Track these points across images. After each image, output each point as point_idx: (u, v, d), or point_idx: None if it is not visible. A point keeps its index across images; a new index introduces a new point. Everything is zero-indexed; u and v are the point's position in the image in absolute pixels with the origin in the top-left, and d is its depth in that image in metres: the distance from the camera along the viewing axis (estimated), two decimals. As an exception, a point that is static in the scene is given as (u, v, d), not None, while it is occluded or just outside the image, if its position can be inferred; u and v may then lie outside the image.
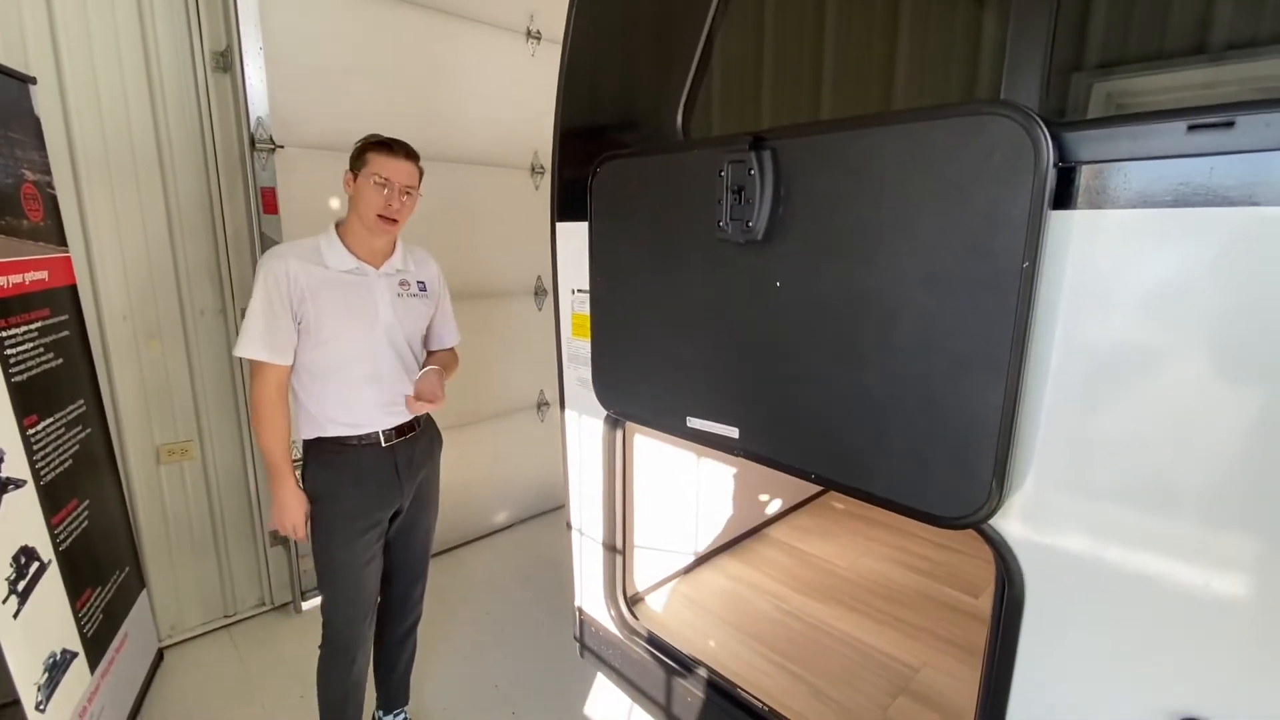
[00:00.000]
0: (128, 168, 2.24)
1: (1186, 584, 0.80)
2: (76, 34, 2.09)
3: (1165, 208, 0.76)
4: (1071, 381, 0.85)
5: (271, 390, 1.62)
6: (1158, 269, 0.77)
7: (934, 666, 1.67)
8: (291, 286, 1.56)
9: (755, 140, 1.04)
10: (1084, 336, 0.83)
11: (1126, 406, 0.82)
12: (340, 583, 1.70)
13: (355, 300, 1.62)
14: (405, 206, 1.60)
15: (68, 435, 1.99)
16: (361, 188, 1.57)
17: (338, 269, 1.60)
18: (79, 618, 1.93)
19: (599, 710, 2.17)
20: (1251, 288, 0.72)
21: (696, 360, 1.24)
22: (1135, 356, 0.80)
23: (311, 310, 1.58)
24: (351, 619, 1.72)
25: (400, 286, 1.70)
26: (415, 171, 1.63)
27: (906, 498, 0.99)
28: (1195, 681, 0.81)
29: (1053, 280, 0.84)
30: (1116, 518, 0.84)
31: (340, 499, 1.66)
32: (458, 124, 2.96)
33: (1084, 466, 0.86)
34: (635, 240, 1.31)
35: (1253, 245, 0.72)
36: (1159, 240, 0.77)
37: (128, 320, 2.32)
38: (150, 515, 2.46)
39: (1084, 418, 0.85)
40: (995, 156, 0.81)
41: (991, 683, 0.98)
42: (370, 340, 1.63)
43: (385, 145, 1.57)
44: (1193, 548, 0.79)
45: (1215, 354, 0.76)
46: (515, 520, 3.54)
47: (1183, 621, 0.81)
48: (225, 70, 2.37)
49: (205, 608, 2.66)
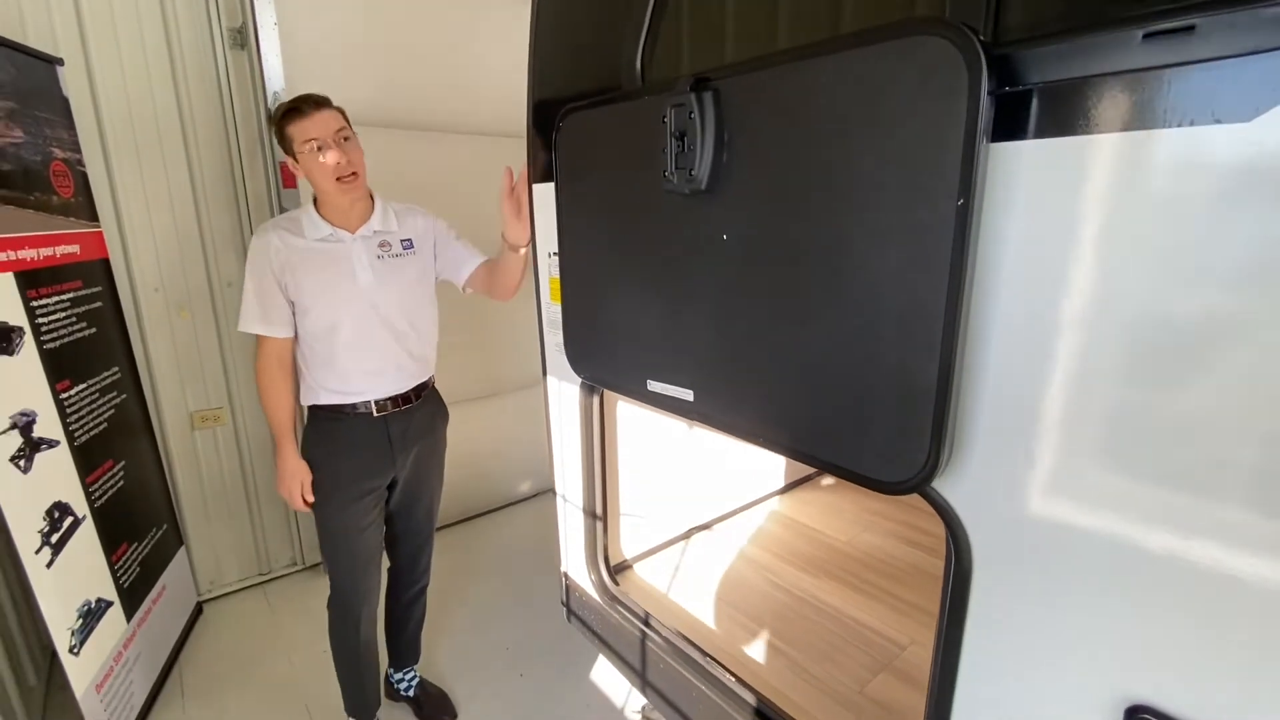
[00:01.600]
0: (154, 145, 2.34)
1: (1135, 563, 0.72)
2: (101, 15, 2.17)
3: (1120, 132, 0.66)
4: (1017, 335, 0.77)
5: (272, 361, 1.64)
6: (1109, 203, 0.68)
7: (921, 644, 1.59)
8: (274, 258, 1.57)
9: (697, 81, 0.98)
10: (1033, 284, 0.75)
11: (1079, 357, 0.73)
12: (337, 546, 1.73)
13: (332, 267, 1.60)
14: (352, 153, 1.56)
15: (101, 400, 2.11)
16: (306, 164, 1.54)
17: (314, 238, 1.60)
18: (114, 570, 2.06)
19: (603, 676, 2.19)
20: (1208, 221, 0.63)
21: (654, 320, 1.19)
22: (1087, 304, 0.71)
23: (291, 281, 1.58)
24: (351, 581, 1.76)
25: (380, 248, 1.66)
26: (337, 115, 1.57)
27: (850, 462, 0.92)
28: (1145, 667, 0.73)
29: (996, 223, 0.75)
30: (1067, 484, 0.76)
31: (334, 465, 1.68)
32: (475, 95, 2.96)
33: (1031, 430, 0.78)
34: (596, 196, 1.26)
35: (1212, 170, 0.62)
36: (1113, 171, 0.68)
37: (159, 292, 2.44)
38: (187, 478, 2.61)
39: (1034, 373, 0.76)
40: (927, 82, 0.73)
41: (940, 660, 0.92)
42: (350, 306, 1.61)
43: (294, 110, 1.52)
44: (1146, 520, 0.71)
45: (1169, 293, 0.66)
46: (539, 490, 3.59)
47: (1131, 604, 0.73)
48: (242, 47, 2.42)
49: (242, 565, 2.81)
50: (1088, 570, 0.76)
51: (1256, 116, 0.59)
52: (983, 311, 0.78)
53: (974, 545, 0.86)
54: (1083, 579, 0.76)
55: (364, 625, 1.81)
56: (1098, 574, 0.75)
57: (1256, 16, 0.58)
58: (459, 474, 3.19)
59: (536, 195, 1.53)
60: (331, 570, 1.77)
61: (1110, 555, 0.74)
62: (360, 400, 1.66)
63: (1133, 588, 0.72)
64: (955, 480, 0.86)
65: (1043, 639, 0.81)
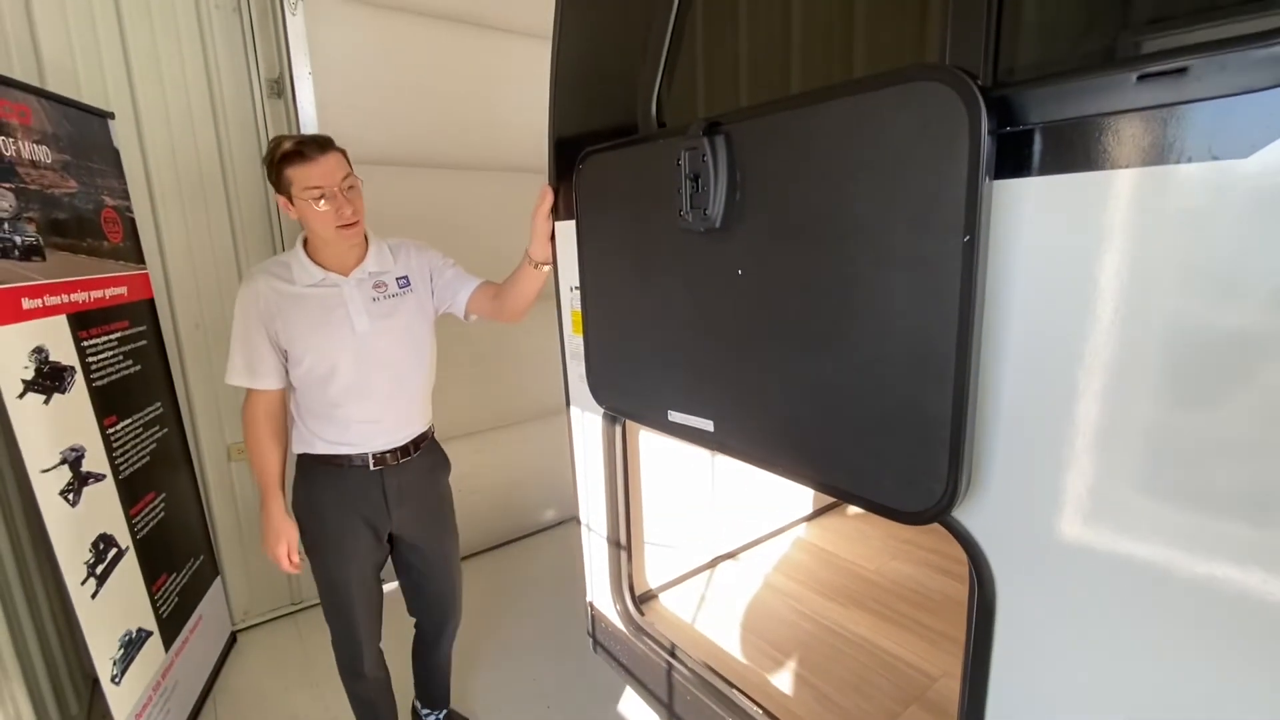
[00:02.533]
0: (197, 190, 2.46)
1: (1159, 587, 0.72)
2: (149, 71, 2.31)
3: (1119, 169, 0.68)
4: (1030, 365, 0.78)
5: (259, 414, 1.56)
6: (1110, 236, 0.70)
7: (953, 676, 1.56)
8: (263, 307, 1.50)
9: (710, 125, 1.02)
10: (1040, 314, 0.76)
11: (1093, 388, 0.74)
12: (332, 600, 1.67)
13: (325, 314, 1.51)
14: (356, 203, 1.48)
15: (145, 435, 2.20)
16: (303, 210, 1.45)
17: (304, 284, 1.51)
18: (154, 600, 2.12)
19: (632, 708, 2.18)
20: (1204, 250, 0.64)
21: (673, 353, 1.22)
22: (1098, 334, 0.73)
23: (282, 329, 1.50)
24: (348, 633, 1.70)
25: (376, 290, 1.57)
26: (342, 161, 1.48)
27: (868, 491, 0.93)
28: (1170, 693, 0.72)
29: (1003, 257, 0.77)
30: (1085, 510, 0.77)
31: (325, 519, 1.61)
32: (499, 132, 3.06)
33: (1049, 458, 0.78)
34: (615, 234, 1.31)
35: (1211, 204, 0.63)
36: (1113, 206, 0.69)
37: (200, 329, 2.54)
38: (223, 509, 2.68)
39: (1049, 403, 0.78)
40: (929, 125, 0.76)
41: (968, 691, 0.91)
42: (347, 355, 1.52)
43: (296, 154, 1.42)
44: (1168, 544, 0.71)
45: (1175, 324, 0.67)
46: (563, 518, 3.60)
47: (1158, 627, 0.73)
48: (279, 95, 2.55)
49: (274, 595, 2.86)
50: (1112, 596, 0.76)
51: (1253, 153, 0.61)
52: (993, 342, 0.80)
53: (996, 574, 0.86)
54: (1108, 605, 0.76)
55: (368, 668, 1.76)
56: (1122, 600, 0.75)
57: (1246, 58, 0.60)
58: (483, 503, 3.24)
59: (560, 231, 1.58)
60: (329, 622, 1.72)
61: (1133, 580, 0.74)
62: (356, 452, 1.58)
63: (1157, 614, 0.72)
64: (975, 509, 0.87)
65: (1070, 667, 0.81)
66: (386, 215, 2.70)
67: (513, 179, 3.15)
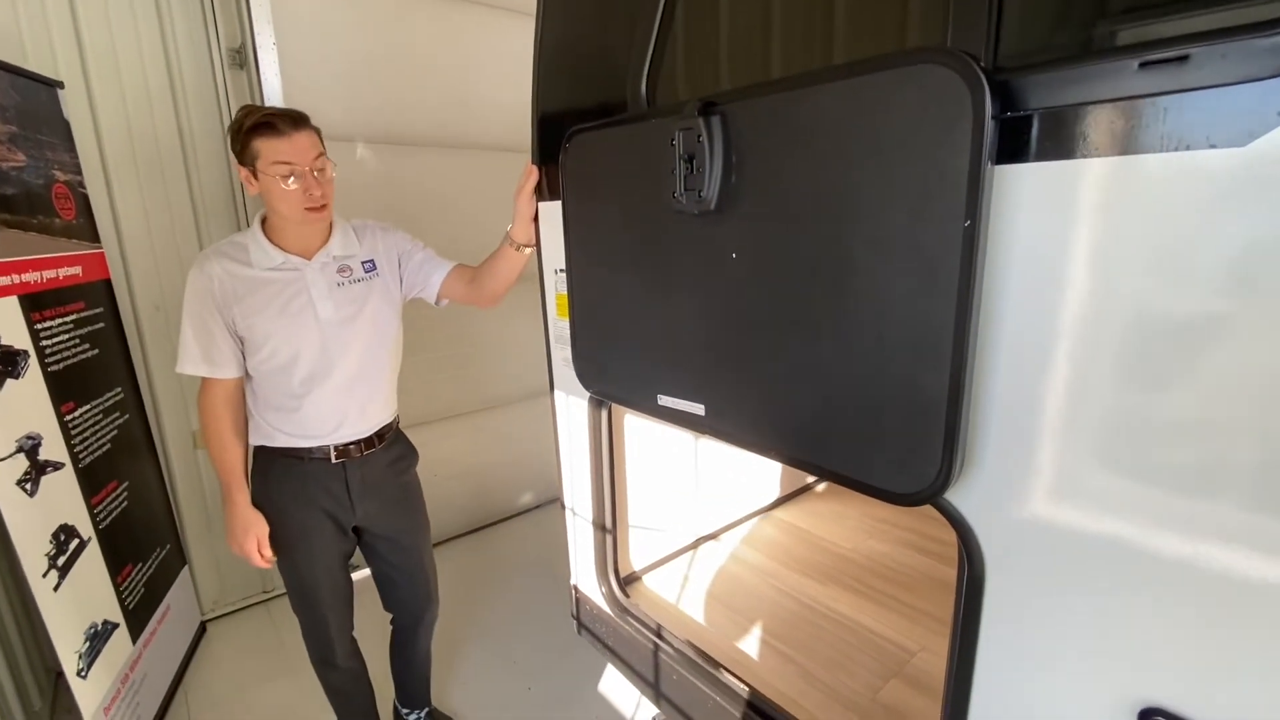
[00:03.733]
0: (154, 165, 2.35)
1: (1148, 567, 0.74)
2: (100, 38, 2.18)
3: (1118, 155, 0.69)
4: (1025, 348, 0.79)
5: (217, 402, 1.48)
6: (1111, 225, 0.71)
7: (932, 650, 1.61)
8: (217, 291, 1.40)
9: (705, 106, 1.01)
10: (1039, 299, 0.77)
11: (1085, 372, 0.76)
12: (300, 595, 1.63)
13: (286, 299, 1.43)
14: (326, 185, 1.39)
15: (105, 421, 2.12)
16: (268, 186, 1.35)
17: (262, 267, 1.43)
18: (120, 591, 2.06)
19: (611, 688, 2.20)
20: (1204, 240, 0.65)
21: (664, 337, 1.21)
22: (1093, 322, 0.74)
23: (240, 317, 1.42)
24: (319, 629, 1.67)
25: (340, 274, 1.50)
26: (315, 140, 1.39)
27: (861, 474, 0.95)
28: (1159, 669, 0.75)
29: (1002, 241, 0.78)
30: (1077, 491, 0.79)
31: (286, 513, 1.55)
32: (476, 111, 2.98)
33: (1042, 440, 0.80)
34: (603, 215, 1.29)
35: (1208, 191, 0.65)
36: (1113, 193, 0.70)
37: (160, 311, 2.44)
38: (189, 497, 2.60)
39: (1042, 386, 0.79)
40: (931, 109, 0.76)
41: (955, 668, 0.94)
42: (310, 343, 1.45)
43: (269, 125, 1.32)
44: (1158, 528, 0.73)
45: (1165, 306, 0.69)
46: (540, 501, 3.59)
47: (1144, 607, 0.75)
48: (241, 66, 2.44)
49: (245, 584, 2.80)
50: (1100, 574, 0.78)
51: (1250, 141, 0.62)
52: (990, 325, 0.81)
53: (986, 553, 0.88)
54: (1095, 583, 0.78)
55: (341, 658, 1.72)
56: (1110, 578, 0.77)
57: (1248, 47, 0.61)
58: (457, 488, 3.21)
59: (544, 212, 1.55)
60: (296, 614, 1.68)
61: (1122, 559, 0.76)
62: (318, 445, 1.52)
63: (1145, 590, 0.75)
64: (967, 490, 0.88)
65: (1057, 644, 0.84)
66: (356, 195, 2.63)
67: (489, 158, 3.09)
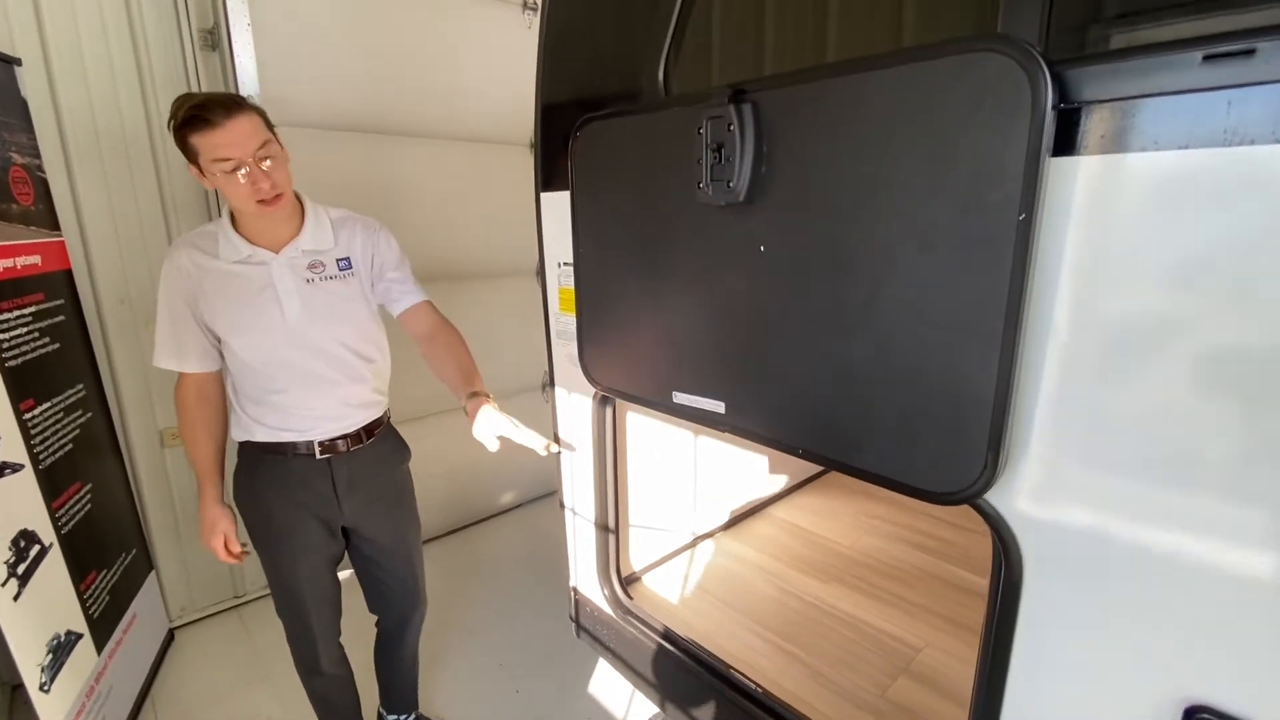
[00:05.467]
0: (119, 150, 2.22)
1: (1195, 564, 0.74)
2: (61, 13, 2.05)
3: (1179, 149, 0.68)
4: (1075, 346, 0.78)
5: (189, 397, 1.43)
6: (1169, 219, 0.70)
7: (937, 647, 1.62)
8: (185, 283, 1.35)
9: (735, 93, 0.98)
10: (1090, 298, 0.76)
11: (1135, 373, 0.75)
12: (282, 595, 1.57)
13: (251, 295, 1.36)
14: (276, 173, 1.29)
15: (66, 420, 1.99)
16: (216, 181, 1.26)
17: (229, 260, 1.36)
18: (84, 599, 1.94)
19: (602, 689, 2.16)
20: (1270, 237, 0.65)
21: (681, 332, 1.18)
22: (1147, 319, 0.73)
23: (206, 309, 1.36)
24: (304, 634, 1.60)
25: (311, 270, 1.41)
26: (257, 123, 1.27)
27: (897, 473, 0.93)
28: (1205, 667, 0.75)
29: (1055, 236, 0.77)
30: (1123, 494, 0.78)
31: (270, 511, 1.49)
32: (455, 100, 2.90)
33: (1089, 439, 0.79)
34: (617, 207, 1.25)
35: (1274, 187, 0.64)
36: (1172, 187, 0.69)
37: (125, 304, 2.31)
38: (156, 499, 2.48)
39: (1088, 386, 0.78)
40: (988, 98, 0.74)
41: (988, 666, 0.93)
42: (277, 340, 1.38)
43: (199, 119, 1.21)
44: (1205, 527, 0.73)
45: (1230, 313, 0.68)
46: (522, 500, 3.53)
47: (1191, 605, 0.75)
48: (213, 48, 2.32)
49: (215, 589, 2.68)
50: (1146, 574, 0.78)
51: (1318, 136, 0.62)
52: (1039, 323, 0.80)
53: (1025, 554, 0.87)
54: (1141, 582, 0.78)
55: (327, 664, 1.66)
56: (1157, 576, 0.77)
57: (1319, 41, 0.61)
58: (440, 487, 3.13)
59: (547, 203, 1.50)
60: (281, 618, 1.61)
61: (1169, 558, 0.75)
62: (302, 439, 1.45)
63: (1194, 588, 0.74)
64: (1007, 490, 0.87)
65: (1098, 645, 0.83)
66: (334, 185, 2.53)
67: (474, 150, 3.02)
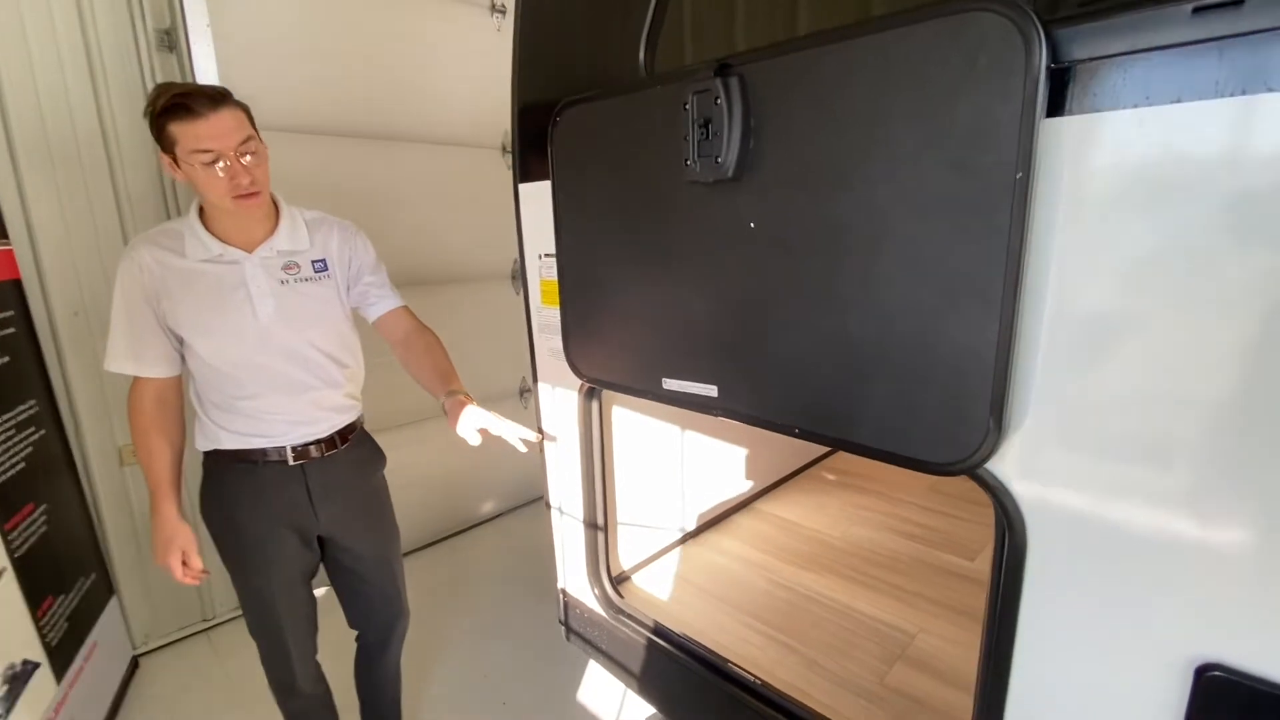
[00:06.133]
0: (71, 155, 2.13)
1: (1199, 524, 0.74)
2: (5, 13, 1.96)
3: (1171, 103, 0.69)
4: (1072, 308, 0.78)
5: (146, 402, 1.35)
6: (1164, 174, 0.70)
7: (930, 632, 1.61)
8: (147, 282, 1.28)
9: (721, 67, 0.96)
10: (1089, 259, 0.76)
11: (1132, 330, 0.75)
12: (258, 615, 1.49)
13: (221, 295, 1.30)
14: (256, 169, 1.26)
15: (18, 438, 1.89)
16: (191, 172, 1.22)
17: (197, 258, 1.30)
18: (40, 627, 1.84)
19: (591, 696, 2.11)
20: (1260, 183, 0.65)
21: (670, 316, 1.16)
22: (1147, 279, 0.73)
23: (170, 310, 1.30)
24: (279, 653, 1.52)
25: (285, 271, 1.36)
26: (241, 120, 1.25)
27: (896, 445, 0.92)
28: (1214, 626, 0.75)
29: (1048, 198, 0.77)
30: (1125, 458, 0.77)
31: (240, 524, 1.42)
32: (423, 102, 2.86)
33: (1090, 404, 0.79)
34: (600, 191, 1.22)
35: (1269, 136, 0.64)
36: (1166, 140, 0.70)
37: (80, 315, 2.21)
38: (116, 520, 2.36)
39: (1089, 350, 0.78)
40: (981, 58, 0.74)
41: (994, 639, 0.92)
42: (248, 344, 1.33)
43: (182, 108, 1.18)
44: (1210, 488, 0.73)
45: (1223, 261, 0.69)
46: (502, 510, 3.47)
47: (1199, 564, 0.75)
48: (171, 49, 2.25)
49: (181, 613, 2.56)
50: (1150, 536, 0.77)
51: (1309, 84, 0.62)
52: (1037, 284, 0.79)
53: (1028, 521, 0.86)
54: (1148, 542, 0.77)
55: (304, 684, 1.58)
56: (1164, 535, 0.76)
57: (1305, -12, 0.61)
58: (415, 499, 3.04)
59: (525, 195, 1.47)
60: (254, 637, 1.53)
61: (1176, 516, 0.75)
62: (272, 445, 1.39)
63: (1201, 546, 0.74)
64: (1007, 458, 0.86)
65: (1105, 608, 0.82)
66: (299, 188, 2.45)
67: (443, 152, 2.97)
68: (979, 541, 2.03)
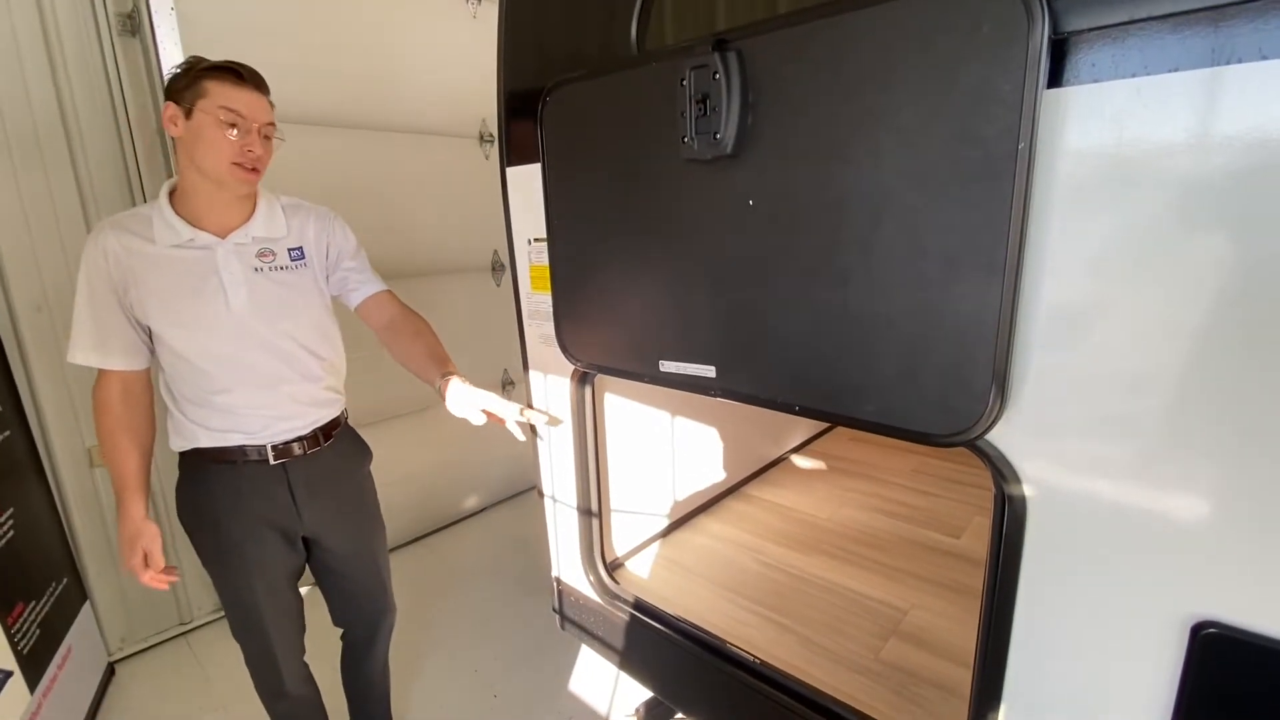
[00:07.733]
0: (30, 146, 2.04)
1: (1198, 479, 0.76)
2: (-44, -6, 1.87)
3: (1169, 72, 0.70)
4: (1074, 276, 0.79)
5: (111, 397, 1.29)
6: (1163, 142, 0.71)
7: (922, 607, 1.64)
8: (112, 269, 1.22)
9: (718, 42, 0.96)
10: (1087, 227, 0.77)
11: (1131, 303, 0.76)
12: (242, 618, 1.44)
13: (192, 283, 1.25)
14: (266, 152, 1.28)
15: (-19, 438, 1.82)
16: (202, 128, 1.18)
17: (167, 244, 1.24)
18: (11, 635, 1.77)
19: (583, 686, 2.11)
20: (1259, 152, 0.67)
21: (667, 297, 1.15)
22: (1148, 248, 0.74)
23: (136, 299, 1.24)
24: (265, 655, 1.48)
25: (260, 259, 1.32)
26: (270, 109, 1.28)
27: (899, 419, 0.93)
28: (1209, 584, 0.77)
29: (1049, 170, 0.77)
30: (1124, 423, 0.79)
31: (220, 525, 1.36)
32: (396, 90, 2.79)
33: (1090, 374, 0.80)
34: (593, 172, 1.21)
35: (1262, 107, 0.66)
36: (1164, 108, 0.71)
37: (43, 311, 2.12)
38: (86, 523, 2.28)
39: (1090, 315, 0.79)
40: (984, 28, 0.74)
41: (994, 606, 0.93)
42: (221, 334, 1.28)
43: (231, 72, 1.20)
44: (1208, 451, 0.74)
45: (1221, 232, 0.70)
46: (486, 504, 3.44)
47: (1194, 525, 0.77)
48: (133, 33, 2.17)
49: (158, 617, 2.49)
50: (1147, 502, 0.79)
51: (1304, 51, 0.64)
52: (1038, 254, 0.80)
53: (1028, 491, 0.88)
54: (1145, 504, 0.79)
55: (291, 685, 1.54)
56: (1158, 503, 0.78)
57: (1301, -45, 0.63)
58: (399, 494, 3.00)
59: (514, 179, 1.45)
60: (238, 640, 1.49)
61: (1170, 483, 0.77)
62: (252, 443, 1.34)
63: (1197, 505, 0.76)
64: (1008, 428, 0.87)
65: (1103, 572, 0.84)
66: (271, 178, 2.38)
67: (419, 141, 2.91)
68: (964, 519, 2.07)
